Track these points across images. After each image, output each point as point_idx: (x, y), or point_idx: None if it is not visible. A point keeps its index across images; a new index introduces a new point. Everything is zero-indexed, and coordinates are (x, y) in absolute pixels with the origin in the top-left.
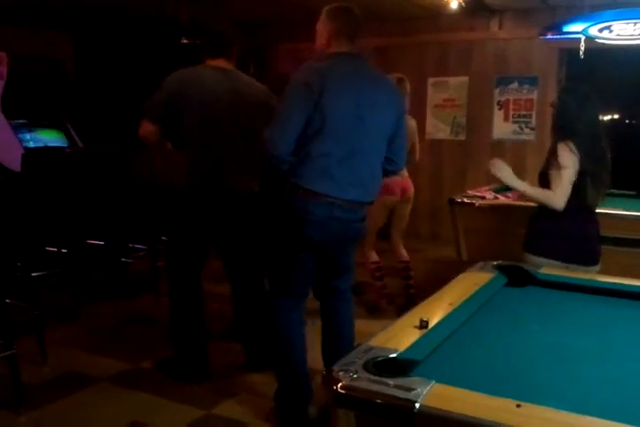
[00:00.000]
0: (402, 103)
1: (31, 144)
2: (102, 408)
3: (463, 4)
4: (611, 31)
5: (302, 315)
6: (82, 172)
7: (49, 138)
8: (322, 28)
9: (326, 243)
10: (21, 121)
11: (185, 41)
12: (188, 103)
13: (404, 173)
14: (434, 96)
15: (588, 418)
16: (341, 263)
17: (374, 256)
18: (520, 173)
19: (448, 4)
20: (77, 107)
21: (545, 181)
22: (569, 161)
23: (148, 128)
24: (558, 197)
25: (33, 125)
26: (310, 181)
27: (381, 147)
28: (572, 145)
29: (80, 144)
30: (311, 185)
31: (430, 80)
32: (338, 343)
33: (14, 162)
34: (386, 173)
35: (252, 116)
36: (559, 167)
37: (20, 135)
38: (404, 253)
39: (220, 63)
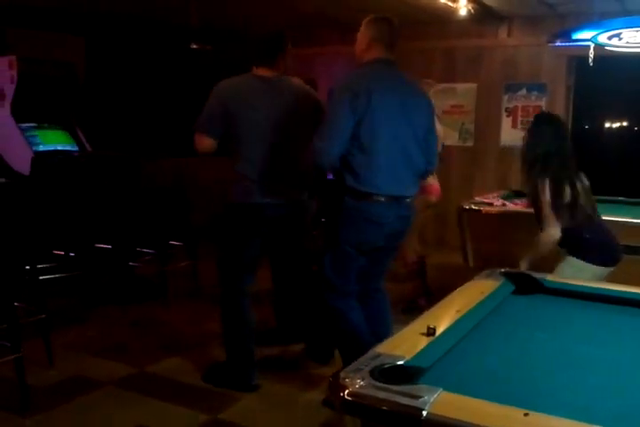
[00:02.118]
0: (432, 106)
1: (40, 147)
2: (108, 412)
3: (472, 10)
4: (620, 39)
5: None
6: (90, 175)
7: (58, 141)
8: (361, 36)
9: (387, 239)
10: (31, 124)
11: (195, 46)
12: (236, 117)
13: (435, 175)
14: (442, 102)
15: None
16: (387, 263)
17: (419, 251)
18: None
19: (457, 10)
20: (87, 110)
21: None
22: (548, 196)
23: (206, 142)
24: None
25: (42, 129)
26: (377, 186)
27: (420, 147)
28: (547, 182)
29: (89, 148)
30: (379, 189)
31: (438, 86)
32: (380, 330)
33: (23, 165)
34: (424, 173)
35: (299, 126)
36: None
37: (30, 138)
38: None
39: (265, 72)
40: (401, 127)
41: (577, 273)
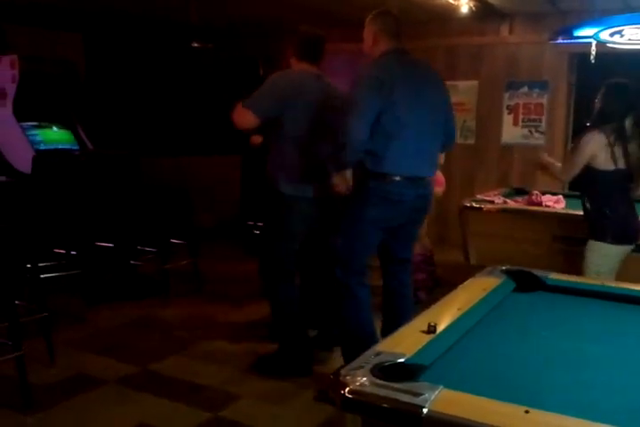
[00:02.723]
0: (447, 90)
1: (41, 146)
2: (110, 410)
3: (474, 8)
4: (622, 36)
5: None
6: (91, 174)
7: (59, 140)
8: (366, 32)
9: (410, 215)
10: (32, 123)
11: (195, 44)
12: (293, 106)
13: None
14: None
15: (596, 425)
16: (413, 235)
17: (428, 245)
18: (530, 177)
19: (458, 8)
20: (88, 108)
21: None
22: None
23: (250, 119)
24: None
25: (43, 127)
26: (396, 167)
27: (440, 128)
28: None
29: (90, 146)
30: (399, 170)
31: None
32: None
33: (25, 164)
34: (444, 148)
35: (336, 119)
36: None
37: (30, 137)
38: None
39: (312, 68)
40: (421, 112)
41: (600, 257)
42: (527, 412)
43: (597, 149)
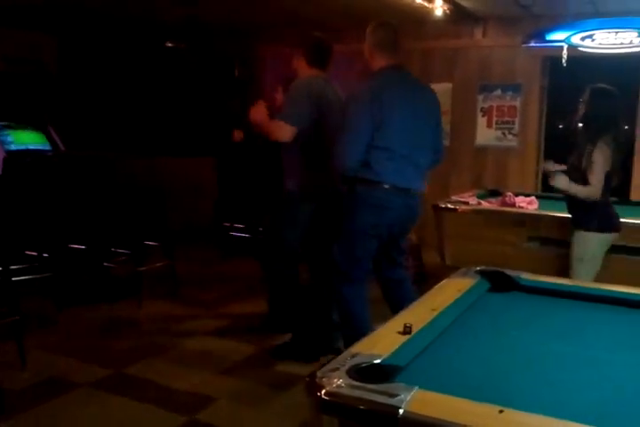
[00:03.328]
0: (439, 106)
1: (12, 147)
2: (84, 414)
3: (448, 11)
4: (593, 40)
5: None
6: (63, 175)
7: (30, 140)
8: (365, 45)
9: (397, 224)
10: (2, 123)
11: (169, 44)
12: (319, 113)
13: None
14: None
15: (569, 423)
16: (403, 238)
17: (414, 240)
18: (503, 178)
19: (433, 11)
20: (60, 109)
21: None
22: (601, 161)
23: (288, 131)
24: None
25: (14, 128)
26: (386, 177)
27: (429, 143)
28: (604, 147)
29: (62, 147)
30: (388, 180)
31: None
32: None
33: None
34: (433, 163)
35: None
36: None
37: (1, 137)
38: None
39: (322, 74)
40: (413, 127)
41: (586, 247)
42: (501, 411)
43: (607, 161)
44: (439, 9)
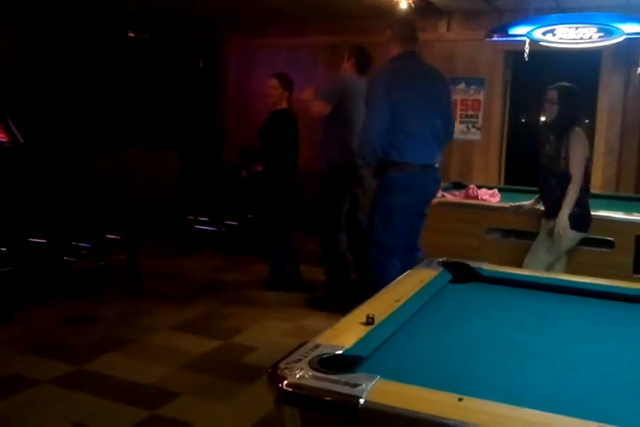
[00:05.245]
0: (449, 86)
1: None
2: (44, 411)
3: (412, 4)
4: (554, 35)
5: None
6: (22, 167)
7: None
8: (385, 36)
9: (424, 203)
10: None
11: (131, 34)
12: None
13: None
14: None
15: (527, 410)
16: (421, 222)
17: None
18: (467, 171)
19: (397, 4)
20: (18, 100)
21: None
22: (581, 155)
23: (325, 107)
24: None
25: None
26: (411, 157)
27: (441, 123)
28: (581, 144)
29: (21, 139)
30: (414, 160)
31: None
32: None
33: None
34: (444, 142)
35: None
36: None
37: None
38: None
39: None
40: (429, 109)
41: (560, 240)
42: (460, 399)
43: (586, 147)
44: (404, 2)
